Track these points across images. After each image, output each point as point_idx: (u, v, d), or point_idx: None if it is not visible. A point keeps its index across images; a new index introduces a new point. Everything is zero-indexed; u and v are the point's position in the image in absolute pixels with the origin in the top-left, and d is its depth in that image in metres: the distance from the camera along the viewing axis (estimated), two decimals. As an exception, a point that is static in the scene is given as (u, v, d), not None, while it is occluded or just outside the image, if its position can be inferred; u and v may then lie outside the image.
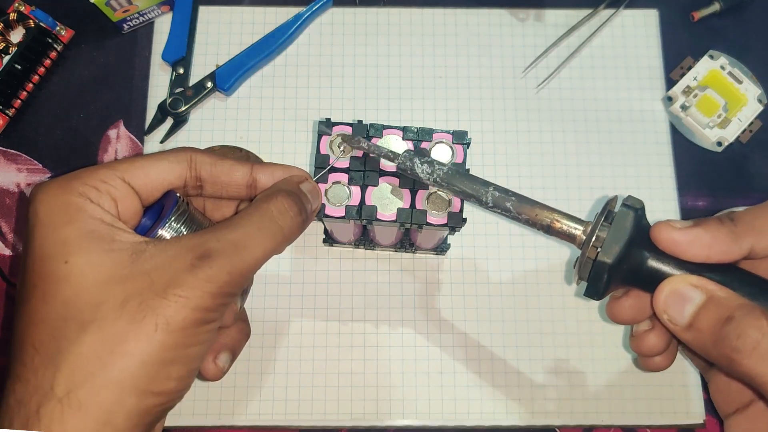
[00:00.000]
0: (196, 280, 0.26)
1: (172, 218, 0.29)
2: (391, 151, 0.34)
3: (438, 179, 0.33)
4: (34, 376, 0.25)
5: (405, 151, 0.33)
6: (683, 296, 0.28)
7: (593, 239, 0.29)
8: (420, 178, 0.33)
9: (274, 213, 0.29)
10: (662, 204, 0.48)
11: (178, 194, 0.30)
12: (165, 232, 0.29)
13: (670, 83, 0.50)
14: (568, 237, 0.31)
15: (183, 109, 0.48)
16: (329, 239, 0.46)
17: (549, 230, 0.31)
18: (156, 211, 0.30)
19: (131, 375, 0.25)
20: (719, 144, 0.48)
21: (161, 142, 0.48)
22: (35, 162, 0.48)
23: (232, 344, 0.33)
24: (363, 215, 0.35)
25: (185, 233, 0.29)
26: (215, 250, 0.27)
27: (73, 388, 0.24)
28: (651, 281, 0.29)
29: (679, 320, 0.28)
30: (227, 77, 0.49)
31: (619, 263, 0.29)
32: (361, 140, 0.35)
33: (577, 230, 0.30)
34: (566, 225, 0.31)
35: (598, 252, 0.29)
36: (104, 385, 0.24)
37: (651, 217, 0.31)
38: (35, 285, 0.26)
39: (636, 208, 0.30)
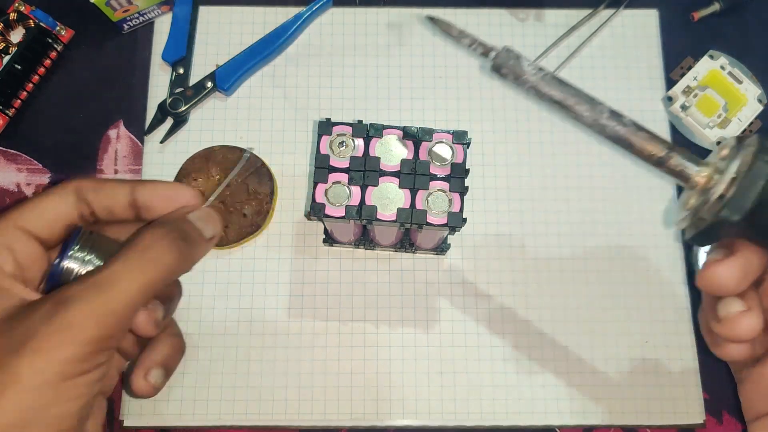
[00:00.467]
0: (51, 329, 0.24)
1: (76, 247, 0.28)
2: (484, 44, 0.29)
3: (544, 80, 0.28)
4: None
5: (505, 47, 0.29)
6: None
7: (720, 189, 0.25)
8: (518, 77, 0.29)
9: (143, 243, 0.27)
10: (662, 204, 0.48)
11: (80, 225, 0.29)
12: (72, 265, 0.28)
13: (670, 83, 0.50)
14: (681, 176, 0.27)
15: (183, 109, 0.48)
16: (329, 239, 0.46)
17: (659, 164, 0.27)
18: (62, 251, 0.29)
19: None
20: (719, 144, 0.48)
21: (161, 142, 0.48)
22: (35, 162, 0.48)
23: (164, 360, 0.31)
24: (363, 215, 0.35)
25: (97, 262, 0.28)
26: (73, 294, 0.25)
27: None
28: None
29: None
30: (227, 77, 0.49)
31: (746, 218, 0.24)
32: (452, 25, 0.30)
33: (695, 172, 0.27)
34: (682, 164, 0.27)
35: (724, 205, 0.25)
36: None
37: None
38: None
39: None
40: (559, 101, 0.29)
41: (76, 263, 0.28)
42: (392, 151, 0.36)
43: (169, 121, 0.49)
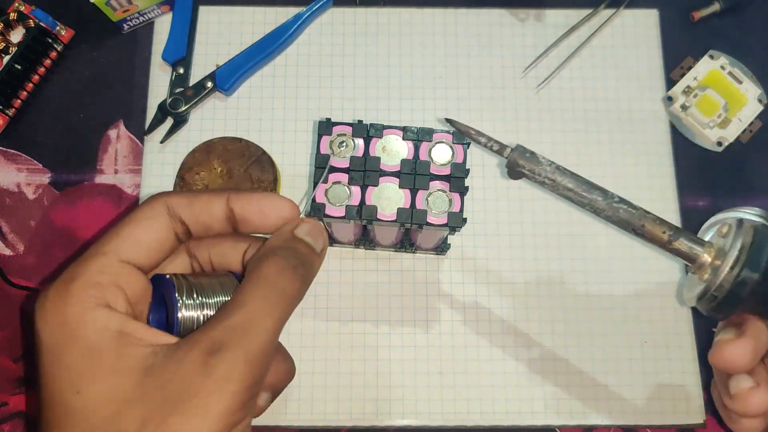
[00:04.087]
0: (212, 384, 0.23)
1: (181, 299, 0.26)
2: (499, 143, 0.32)
3: (557, 179, 0.31)
4: None
5: (518, 145, 0.32)
6: None
7: (733, 258, 0.27)
8: (530, 174, 0.32)
9: (271, 277, 0.26)
10: (662, 204, 0.48)
11: (166, 274, 0.28)
12: (186, 313, 0.26)
13: (670, 83, 0.50)
14: (687, 257, 0.29)
15: (183, 109, 0.48)
16: (329, 239, 0.46)
17: (665, 247, 0.30)
18: (157, 301, 0.27)
19: None
20: (719, 144, 0.48)
21: (161, 142, 0.48)
22: (35, 162, 0.48)
23: (274, 384, 0.30)
24: (363, 215, 0.35)
25: (207, 301, 0.27)
26: (222, 341, 0.24)
27: None
28: None
29: None
30: (227, 77, 0.49)
31: (764, 281, 0.27)
32: (469, 128, 0.33)
33: (702, 252, 0.29)
34: (687, 246, 0.29)
35: (742, 270, 0.27)
36: None
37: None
38: (50, 422, 0.23)
39: None
40: (573, 190, 0.32)
41: (188, 311, 0.26)
42: (392, 151, 0.36)
43: (169, 121, 0.49)
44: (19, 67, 0.47)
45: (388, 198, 0.36)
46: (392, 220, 0.36)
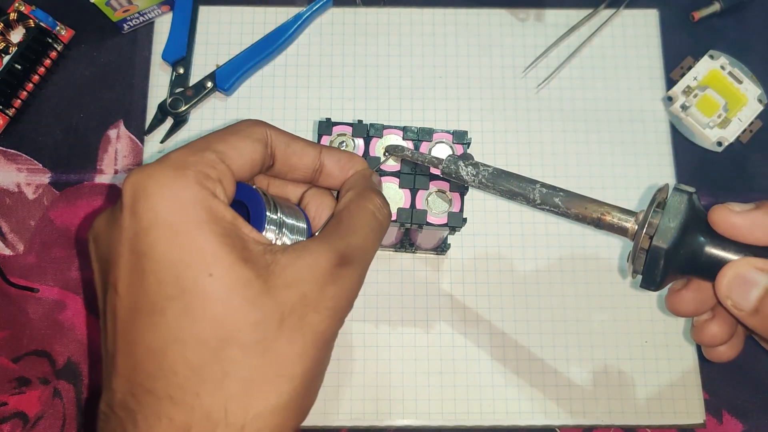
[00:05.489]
0: (341, 291, 0.25)
1: (269, 213, 0.27)
2: (434, 157, 0.34)
3: (483, 180, 0.32)
4: (198, 400, 0.23)
5: (449, 156, 0.33)
6: (747, 280, 0.27)
7: (646, 227, 0.28)
8: (465, 181, 0.33)
9: (376, 212, 0.29)
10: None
11: (253, 186, 0.28)
12: (269, 230, 0.27)
13: (670, 83, 0.50)
14: (619, 230, 0.30)
15: (183, 109, 0.48)
16: (329, 239, 0.46)
17: (599, 224, 0.30)
18: (237, 210, 0.27)
19: (296, 397, 0.24)
20: (719, 144, 0.48)
21: (161, 142, 0.48)
22: (35, 162, 0.48)
23: None
24: (363, 215, 0.35)
25: (285, 221, 0.28)
26: (351, 256, 0.26)
27: (247, 416, 0.23)
28: (711, 268, 0.28)
29: (744, 305, 0.27)
30: (227, 77, 0.49)
31: (675, 249, 0.27)
32: (405, 149, 0.35)
33: (628, 222, 0.29)
34: (617, 217, 0.30)
35: (652, 239, 0.28)
36: (275, 411, 0.24)
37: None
38: (171, 298, 0.23)
39: (688, 192, 0.28)
40: (500, 193, 0.32)
41: (271, 229, 0.27)
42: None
43: (169, 121, 0.49)
44: (19, 67, 0.47)
45: (388, 198, 0.36)
46: (392, 221, 0.35)
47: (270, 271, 0.24)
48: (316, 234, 0.29)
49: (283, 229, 0.27)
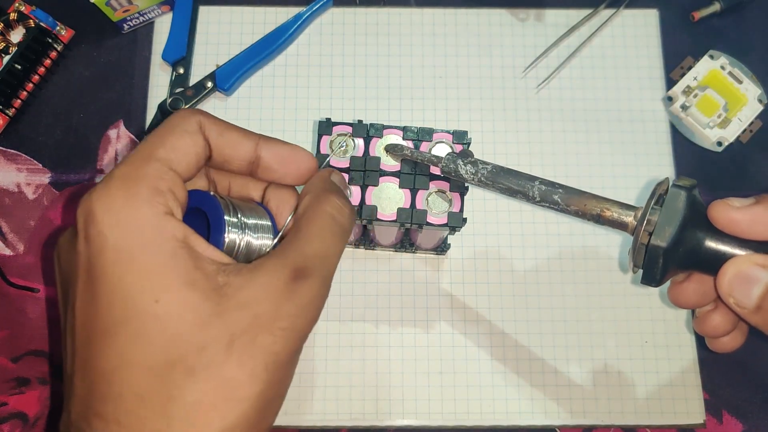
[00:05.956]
0: (298, 307, 0.24)
1: (227, 217, 0.26)
2: (434, 156, 0.34)
3: (483, 178, 0.32)
4: (143, 425, 0.23)
5: (448, 154, 0.33)
6: (749, 277, 0.26)
7: (644, 224, 0.28)
8: (464, 179, 0.32)
9: (335, 214, 0.27)
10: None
11: (209, 191, 0.27)
12: (231, 234, 0.26)
13: (670, 83, 0.50)
14: (619, 225, 0.29)
15: (183, 108, 0.48)
16: (329, 239, 0.46)
17: (599, 220, 0.30)
18: (194, 217, 0.26)
19: (245, 421, 0.23)
20: (719, 144, 0.48)
21: (161, 142, 0.48)
22: (35, 162, 0.48)
23: None
24: (363, 215, 0.35)
25: (246, 222, 0.27)
26: (308, 267, 0.25)
27: None
28: (712, 263, 0.28)
29: (746, 303, 0.27)
30: (227, 77, 0.49)
31: (674, 246, 0.27)
32: (404, 148, 0.35)
33: (628, 217, 0.29)
34: (616, 213, 0.29)
35: (651, 237, 0.27)
36: None
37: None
38: (121, 322, 0.23)
39: (687, 187, 0.28)
40: (499, 191, 0.32)
41: (233, 233, 0.26)
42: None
43: (169, 121, 0.49)
44: (19, 67, 0.47)
45: (388, 198, 0.36)
46: (392, 220, 0.36)
47: (222, 293, 0.23)
48: (275, 241, 0.28)
49: (246, 230, 0.27)
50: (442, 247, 0.46)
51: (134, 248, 0.23)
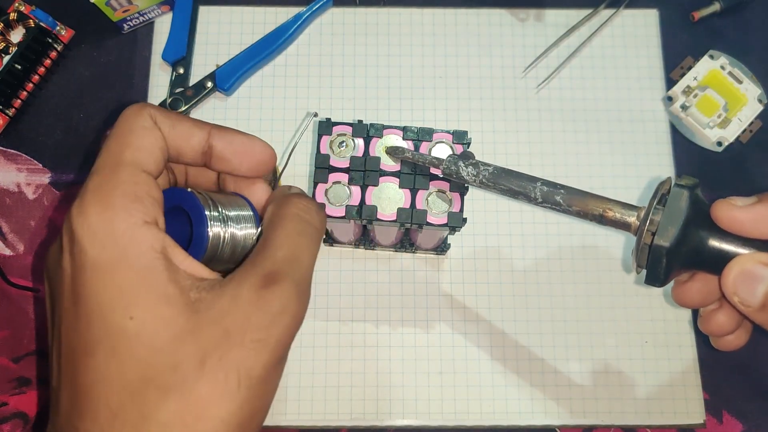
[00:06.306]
0: (269, 316, 0.23)
1: (208, 212, 0.26)
2: (435, 158, 0.34)
3: (484, 180, 0.32)
4: None
5: (449, 156, 0.33)
6: (754, 276, 0.26)
7: (647, 224, 0.28)
8: (466, 181, 0.32)
9: (301, 214, 0.27)
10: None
11: (187, 188, 0.27)
12: (214, 229, 0.26)
13: (670, 83, 0.50)
14: (622, 225, 0.29)
15: (183, 109, 0.48)
16: (329, 239, 0.46)
17: (602, 220, 0.30)
18: (174, 216, 0.26)
19: None
20: (719, 144, 0.48)
21: (161, 142, 0.48)
22: (35, 162, 0.48)
23: None
24: (363, 215, 0.35)
25: (228, 214, 0.26)
26: (278, 272, 0.24)
27: None
28: (716, 262, 0.28)
29: (751, 301, 0.27)
30: (227, 77, 0.49)
31: (677, 245, 0.27)
32: (405, 150, 0.35)
33: (631, 217, 0.29)
34: (619, 213, 0.29)
35: (654, 237, 0.27)
36: None
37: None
38: (99, 340, 0.23)
39: (690, 186, 0.28)
40: (501, 192, 0.32)
41: (216, 227, 0.26)
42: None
43: (169, 121, 0.49)
44: (19, 67, 0.47)
45: (388, 198, 0.36)
46: (392, 220, 0.36)
47: (195, 309, 0.23)
48: (259, 230, 0.28)
49: (229, 222, 0.26)
50: (442, 247, 0.46)
51: (111, 263, 0.23)
